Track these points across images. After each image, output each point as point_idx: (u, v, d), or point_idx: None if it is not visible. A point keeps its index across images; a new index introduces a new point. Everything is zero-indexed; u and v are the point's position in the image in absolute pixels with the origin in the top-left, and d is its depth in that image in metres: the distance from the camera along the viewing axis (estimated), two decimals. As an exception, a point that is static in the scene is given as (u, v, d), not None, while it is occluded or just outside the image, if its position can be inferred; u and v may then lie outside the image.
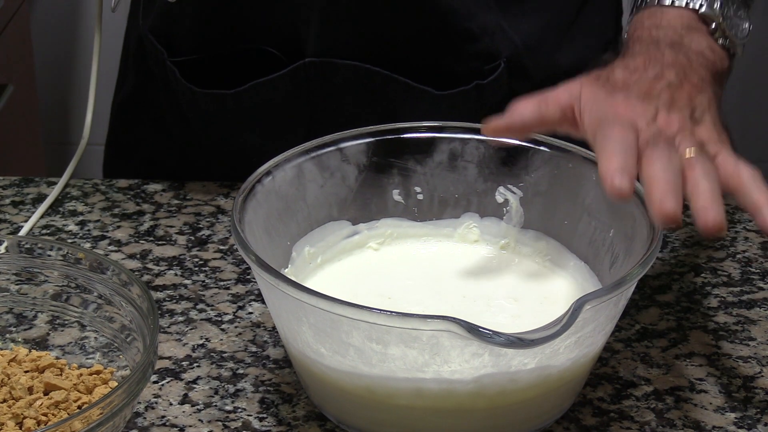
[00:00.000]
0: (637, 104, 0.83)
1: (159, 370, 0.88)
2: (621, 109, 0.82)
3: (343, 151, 0.92)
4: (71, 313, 0.88)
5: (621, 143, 0.79)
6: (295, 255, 0.90)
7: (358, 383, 0.78)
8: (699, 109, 0.84)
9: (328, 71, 1.10)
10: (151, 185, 1.13)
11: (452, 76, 1.11)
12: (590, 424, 0.84)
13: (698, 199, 0.77)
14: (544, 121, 0.85)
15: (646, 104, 0.83)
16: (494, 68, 1.11)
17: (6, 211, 1.08)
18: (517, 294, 0.89)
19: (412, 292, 0.89)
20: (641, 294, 0.98)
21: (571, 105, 0.85)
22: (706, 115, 0.84)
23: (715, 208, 0.76)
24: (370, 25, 1.09)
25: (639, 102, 0.83)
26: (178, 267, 1.01)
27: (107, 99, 1.27)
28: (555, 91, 0.86)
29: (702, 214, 0.76)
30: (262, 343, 0.91)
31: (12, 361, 0.84)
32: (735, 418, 0.85)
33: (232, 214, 0.83)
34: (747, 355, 0.91)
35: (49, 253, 0.88)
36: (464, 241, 0.95)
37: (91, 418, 0.72)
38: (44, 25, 2.32)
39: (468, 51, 1.11)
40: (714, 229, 0.75)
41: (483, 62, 1.11)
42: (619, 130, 0.80)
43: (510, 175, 0.93)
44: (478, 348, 0.74)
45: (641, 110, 0.82)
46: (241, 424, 0.83)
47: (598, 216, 0.89)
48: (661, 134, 0.81)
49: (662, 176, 0.77)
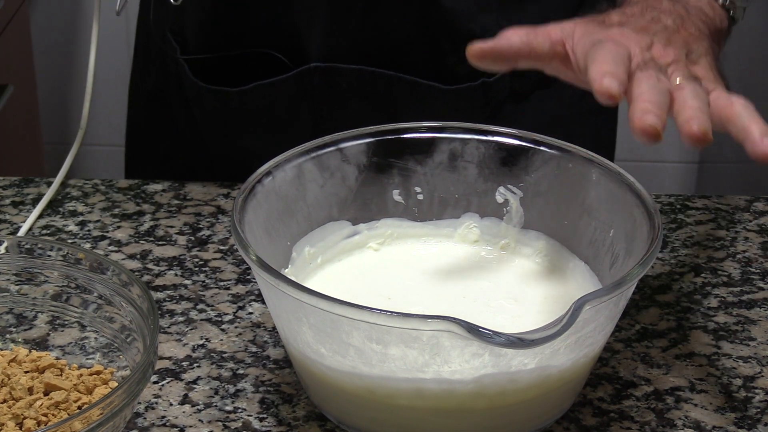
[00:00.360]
0: (631, 34, 0.82)
1: (159, 371, 0.88)
2: (615, 36, 0.81)
3: (343, 152, 0.92)
4: (71, 313, 0.88)
5: (613, 54, 0.77)
6: (295, 255, 0.90)
7: (358, 383, 0.78)
8: (695, 52, 0.83)
9: (333, 76, 1.11)
10: (151, 185, 1.13)
11: (455, 76, 1.11)
12: (590, 425, 0.84)
13: (684, 112, 0.75)
14: (532, 51, 0.83)
15: (641, 35, 0.82)
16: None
17: (6, 212, 1.08)
18: (517, 294, 0.89)
19: (412, 292, 0.89)
20: (641, 294, 0.98)
21: (562, 40, 0.83)
22: (702, 58, 0.83)
23: (701, 117, 0.74)
24: (374, 29, 1.10)
25: (634, 33, 0.82)
26: (179, 267, 1.01)
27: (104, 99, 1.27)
28: (547, 26, 0.84)
29: (686, 125, 0.74)
30: (262, 343, 0.91)
31: (12, 361, 0.84)
32: (735, 418, 0.85)
33: (232, 214, 0.83)
34: (747, 355, 0.91)
35: (49, 253, 0.88)
36: (464, 242, 0.95)
37: (91, 419, 0.72)
38: (44, 25, 2.32)
39: None
40: (699, 138, 0.73)
41: None
42: (612, 46, 0.78)
43: (510, 176, 0.93)
44: (478, 348, 0.74)
45: (636, 39, 0.81)
46: (241, 425, 0.83)
47: (598, 216, 0.89)
48: (654, 61, 0.79)
49: (647, 94, 0.75)
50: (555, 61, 0.83)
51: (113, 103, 2.26)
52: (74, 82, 2.38)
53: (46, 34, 2.32)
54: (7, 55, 2.05)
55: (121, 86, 2.22)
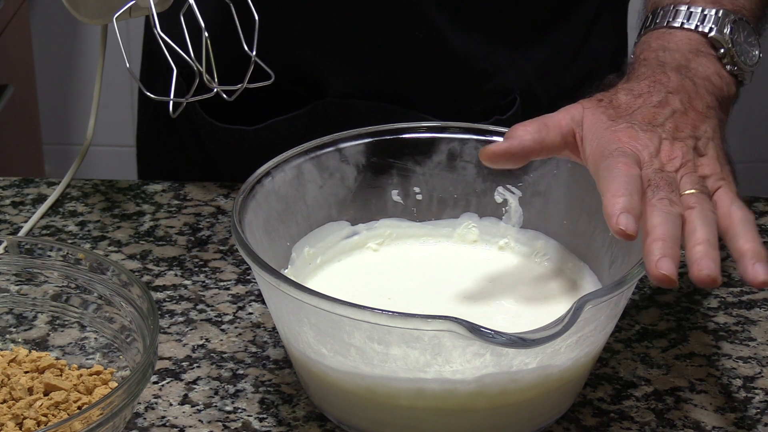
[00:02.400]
0: (640, 134, 0.81)
1: (159, 371, 0.88)
2: (624, 140, 0.81)
3: (342, 152, 0.92)
4: (71, 313, 0.88)
5: (625, 179, 0.77)
6: (294, 255, 0.90)
7: (359, 383, 0.78)
8: (703, 138, 0.83)
9: (347, 110, 1.11)
10: (151, 185, 1.13)
11: (470, 112, 1.11)
12: (590, 425, 0.84)
13: (693, 249, 0.76)
14: (544, 147, 0.83)
15: (649, 134, 0.81)
16: (510, 102, 1.12)
17: (6, 212, 1.08)
18: (517, 294, 0.89)
19: (411, 292, 0.89)
20: (641, 294, 0.98)
21: (572, 130, 0.83)
22: (710, 146, 0.83)
23: (710, 259, 0.75)
24: (389, 68, 1.10)
25: (642, 132, 0.81)
26: (178, 267, 1.01)
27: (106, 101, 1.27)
28: (556, 115, 0.84)
29: (696, 267, 0.75)
30: (262, 343, 0.91)
31: (12, 361, 0.84)
32: (735, 418, 0.85)
33: (232, 214, 0.83)
34: (747, 355, 0.91)
35: (49, 253, 0.88)
36: (463, 242, 0.95)
37: (91, 419, 0.72)
38: (44, 25, 2.32)
39: (484, 90, 1.12)
40: (707, 282, 0.74)
41: (499, 98, 1.12)
42: (624, 165, 0.78)
43: (509, 175, 0.93)
44: (479, 348, 0.74)
45: (645, 141, 0.81)
46: (241, 425, 0.83)
47: (597, 216, 0.89)
48: (664, 171, 0.80)
49: (661, 231, 0.76)
50: (566, 150, 0.84)
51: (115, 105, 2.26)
52: (74, 83, 2.38)
53: (47, 35, 2.33)
54: (7, 55, 2.05)
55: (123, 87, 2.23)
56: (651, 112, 0.83)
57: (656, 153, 0.81)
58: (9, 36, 2.03)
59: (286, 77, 1.11)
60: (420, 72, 1.11)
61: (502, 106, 1.12)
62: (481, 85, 1.11)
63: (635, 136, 0.81)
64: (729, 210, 0.79)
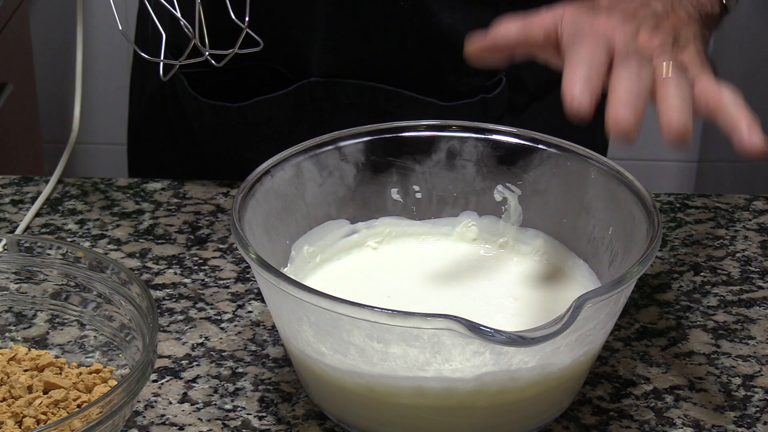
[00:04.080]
0: (618, 22, 0.80)
1: (158, 369, 0.88)
2: (599, 23, 0.80)
3: (342, 150, 0.92)
4: (71, 311, 0.88)
5: (589, 56, 0.76)
6: (294, 254, 0.90)
7: (359, 382, 0.78)
8: (684, 37, 0.82)
9: (333, 90, 1.11)
10: (150, 184, 1.13)
11: (455, 92, 1.11)
12: (590, 423, 0.84)
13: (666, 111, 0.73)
14: (528, 42, 0.82)
15: (627, 23, 0.80)
16: (496, 83, 1.11)
17: (5, 210, 1.08)
18: (517, 292, 0.89)
19: (411, 290, 0.89)
20: (641, 293, 0.98)
21: (555, 27, 0.82)
22: (690, 44, 0.82)
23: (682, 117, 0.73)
24: (374, 46, 1.10)
25: (620, 21, 0.81)
26: (178, 266, 1.01)
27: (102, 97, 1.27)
28: (539, 13, 0.83)
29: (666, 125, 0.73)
30: (262, 341, 0.91)
31: (11, 359, 0.84)
32: (734, 417, 0.85)
33: (231, 212, 0.83)
34: (746, 354, 0.91)
35: (49, 251, 0.88)
36: (463, 240, 0.95)
37: (91, 417, 0.72)
38: (44, 24, 2.32)
39: (469, 68, 1.11)
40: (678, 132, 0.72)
41: (485, 78, 1.12)
42: (591, 44, 0.77)
43: (508, 174, 0.93)
44: (479, 346, 0.74)
45: (621, 27, 0.80)
46: (240, 423, 0.83)
47: (596, 214, 0.89)
48: (637, 50, 0.78)
49: (624, 86, 0.74)
50: (549, 48, 0.83)
51: (111, 101, 2.26)
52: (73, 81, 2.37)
53: (46, 33, 2.32)
54: (6, 54, 2.05)
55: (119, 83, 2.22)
56: (632, 10, 0.82)
57: (633, 37, 0.79)
58: (8, 34, 2.03)
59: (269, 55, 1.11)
60: (405, 49, 1.10)
61: (488, 86, 1.12)
62: (465, 64, 1.11)
63: (612, 23, 0.80)
64: (717, 89, 0.76)
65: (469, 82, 1.12)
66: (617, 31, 0.79)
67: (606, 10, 0.83)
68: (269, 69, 1.12)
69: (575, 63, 0.76)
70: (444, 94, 1.12)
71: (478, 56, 0.83)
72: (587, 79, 0.74)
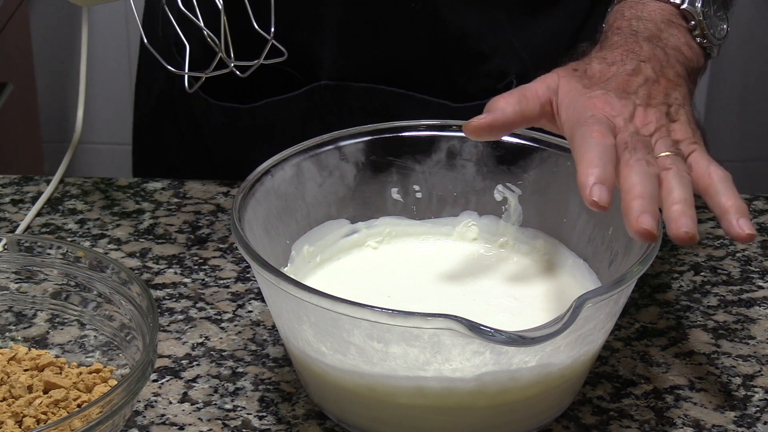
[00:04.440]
0: (614, 101, 0.83)
1: (158, 369, 0.88)
2: (599, 106, 0.82)
3: (342, 150, 0.92)
4: (71, 311, 0.88)
5: (599, 149, 0.78)
6: (294, 254, 0.90)
7: (359, 382, 0.78)
8: (675, 105, 0.85)
9: (343, 93, 1.11)
10: (150, 183, 1.13)
11: (465, 94, 1.11)
12: (590, 423, 0.84)
13: (671, 208, 0.77)
14: (525, 117, 0.84)
15: (624, 101, 0.83)
16: (506, 86, 1.12)
17: (5, 210, 1.08)
18: (517, 292, 0.89)
19: (411, 290, 0.89)
20: (641, 292, 0.98)
21: (549, 99, 0.85)
22: (681, 112, 0.85)
23: (688, 217, 0.76)
24: (384, 48, 1.10)
25: (617, 99, 0.83)
26: (178, 265, 1.01)
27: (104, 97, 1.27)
28: (532, 85, 0.85)
29: (674, 225, 0.76)
30: (262, 341, 0.91)
31: (11, 359, 0.84)
32: (735, 416, 0.85)
33: (231, 212, 0.83)
34: (747, 353, 0.91)
35: (49, 251, 0.88)
36: (463, 240, 0.95)
37: (91, 417, 0.72)
38: (44, 23, 2.32)
39: (480, 71, 1.12)
40: (685, 240, 0.76)
41: (495, 81, 1.12)
42: (598, 134, 0.79)
43: (508, 173, 0.93)
44: (479, 346, 0.74)
45: (619, 108, 0.82)
46: (240, 423, 0.83)
47: (596, 214, 0.88)
48: (639, 134, 0.81)
49: (640, 189, 0.77)
50: (543, 119, 0.85)
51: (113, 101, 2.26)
52: (74, 81, 2.37)
53: (46, 33, 2.32)
54: (6, 54, 2.05)
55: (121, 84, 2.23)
56: (624, 80, 0.85)
57: (631, 119, 0.82)
58: (8, 34, 2.03)
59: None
60: (416, 51, 1.11)
61: (498, 90, 1.12)
62: (477, 67, 1.11)
63: (610, 103, 0.83)
64: (707, 170, 0.81)
65: (479, 85, 1.12)
66: (616, 114, 0.82)
67: (600, 82, 0.85)
68: (279, 71, 1.12)
69: (589, 160, 0.78)
70: (454, 97, 1.12)
71: (478, 134, 0.85)
72: (603, 179, 0.77)
